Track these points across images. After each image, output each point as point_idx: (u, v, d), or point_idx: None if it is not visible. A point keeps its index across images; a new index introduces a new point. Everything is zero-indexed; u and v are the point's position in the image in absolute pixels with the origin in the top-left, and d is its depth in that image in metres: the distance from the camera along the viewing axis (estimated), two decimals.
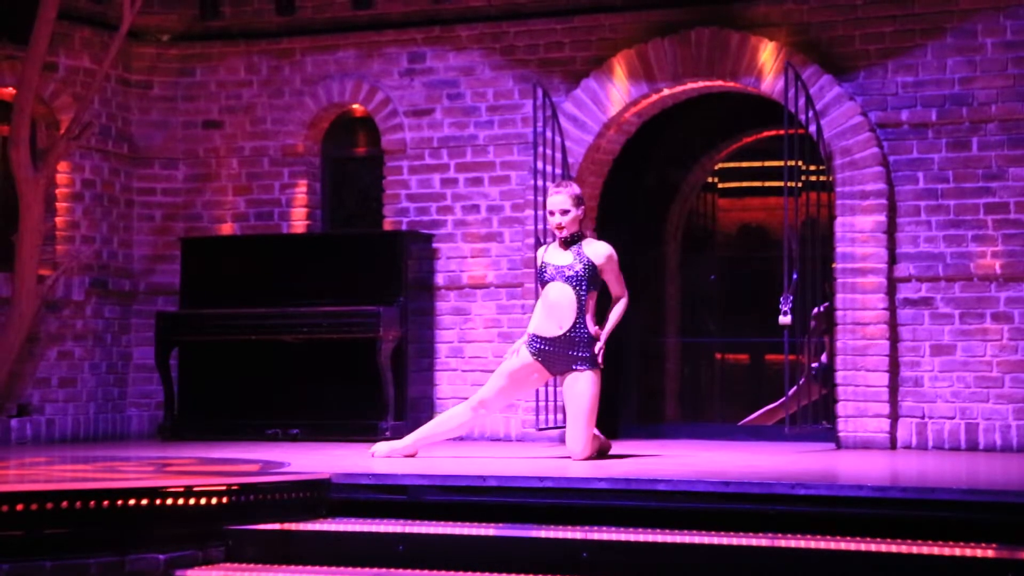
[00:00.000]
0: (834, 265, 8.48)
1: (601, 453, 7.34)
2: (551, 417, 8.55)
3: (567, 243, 7.31)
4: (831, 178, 8.52)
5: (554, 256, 7.33)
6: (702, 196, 10.93)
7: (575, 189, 7.34)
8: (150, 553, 5.59)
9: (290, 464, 6.80)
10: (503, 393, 7.38)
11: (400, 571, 5.67)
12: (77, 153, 9.21)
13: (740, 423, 9.84)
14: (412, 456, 7.32)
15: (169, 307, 9.54)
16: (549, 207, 7.32)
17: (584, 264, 7.24)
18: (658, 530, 5.61)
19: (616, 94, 8.94)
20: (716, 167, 10.91)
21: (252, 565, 5.78)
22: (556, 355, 7.23)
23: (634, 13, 8.96)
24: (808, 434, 8.57)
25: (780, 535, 5.46)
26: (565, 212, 7.26)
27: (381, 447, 7.43)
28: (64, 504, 5.43)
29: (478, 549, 5.69)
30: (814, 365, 8.81)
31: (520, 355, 7.31)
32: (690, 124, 9.74)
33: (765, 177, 10.98)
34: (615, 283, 7.33)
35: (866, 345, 8.36)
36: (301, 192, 9.70)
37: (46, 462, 7.23)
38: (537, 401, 8.53)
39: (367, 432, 8.73)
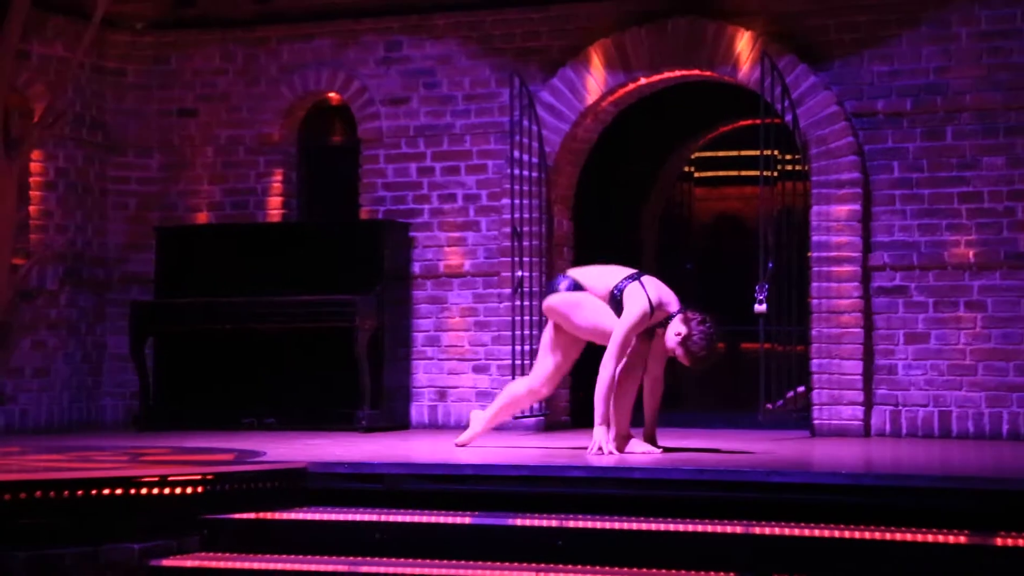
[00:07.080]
0: (809, 254, 8.50)
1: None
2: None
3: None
4: (807, 167, 8.54)
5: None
6: (679, 185, 10.95)
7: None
8: (125, 543, 5.58)
9: (266, 453, 6.79)
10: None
11: (377, 559, 5.68)
12: (51, 142, 9.16)
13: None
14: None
15: (144, 296, 9.50)
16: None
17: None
18: (633, 518, 5.63)
19: (593, 83, 8.93)
20: (693, 156, 10.94)
21: (228, 554, 5.78)
22: None
23: (611, 2, 8.95)
24: (783, 422, 8.60)
25: (755, 522, 5.48)
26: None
27: (465, 437, 7.39)
28: (38, 494, 5.41)
29: (454, 537, 5.69)
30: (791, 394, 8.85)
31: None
32: (667, 113, 9.74)
33: (741, 166, 11.01)
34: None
35: (841, 333, 8.39)
36: (277, 181, 9.67)
37: (19, 452, 7.19)
38: None
39: (343, 421, 8.73)
